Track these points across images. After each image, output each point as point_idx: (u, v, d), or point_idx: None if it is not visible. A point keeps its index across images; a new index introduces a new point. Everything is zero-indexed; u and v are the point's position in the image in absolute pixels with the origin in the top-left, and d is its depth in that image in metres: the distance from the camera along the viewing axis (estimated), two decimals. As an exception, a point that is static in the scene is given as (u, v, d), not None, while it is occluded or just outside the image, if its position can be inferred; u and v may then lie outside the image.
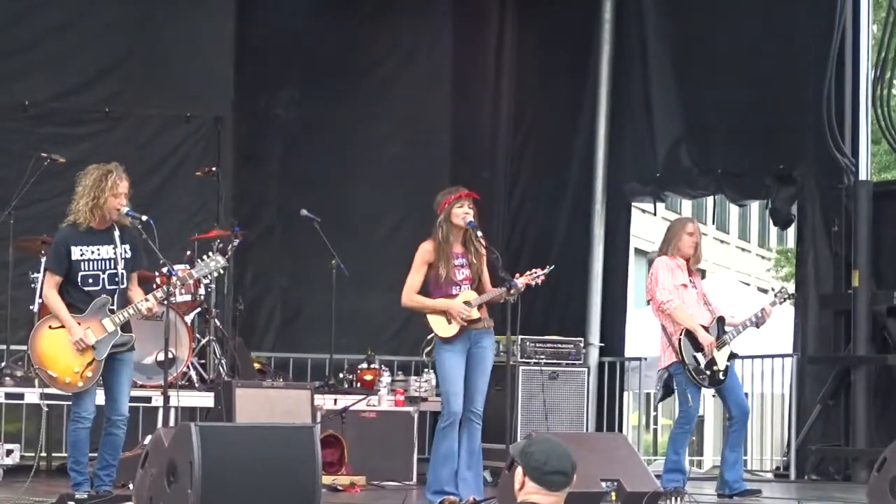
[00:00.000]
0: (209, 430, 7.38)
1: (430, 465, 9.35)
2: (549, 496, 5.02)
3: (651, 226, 31.46)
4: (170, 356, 9.43)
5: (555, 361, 12.04)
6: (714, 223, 34.99)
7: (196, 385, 11.44)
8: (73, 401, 8.75)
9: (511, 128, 15.04)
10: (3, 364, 11.14)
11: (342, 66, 14.30)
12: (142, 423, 11.64)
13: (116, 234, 8.74)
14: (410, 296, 9.29)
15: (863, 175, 12.74)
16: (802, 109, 13.09)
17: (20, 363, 11.01)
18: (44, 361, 8.68)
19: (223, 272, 9.73)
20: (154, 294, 8.84)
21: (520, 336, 11.39)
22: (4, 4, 13.02)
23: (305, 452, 7.49)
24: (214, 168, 12.58)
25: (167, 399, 9.16)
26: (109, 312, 8.67)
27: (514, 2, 15.07)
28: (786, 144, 13.31)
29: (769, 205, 13.57)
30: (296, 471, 7.45)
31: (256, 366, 12.40)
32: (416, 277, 9.29)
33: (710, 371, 10.17)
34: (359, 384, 12.22)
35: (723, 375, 10.23)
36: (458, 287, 9.25)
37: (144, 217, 8.79)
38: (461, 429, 9.24)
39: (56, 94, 13.18)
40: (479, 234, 9.23)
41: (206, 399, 11.12)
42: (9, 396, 10.86)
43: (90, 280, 8.69)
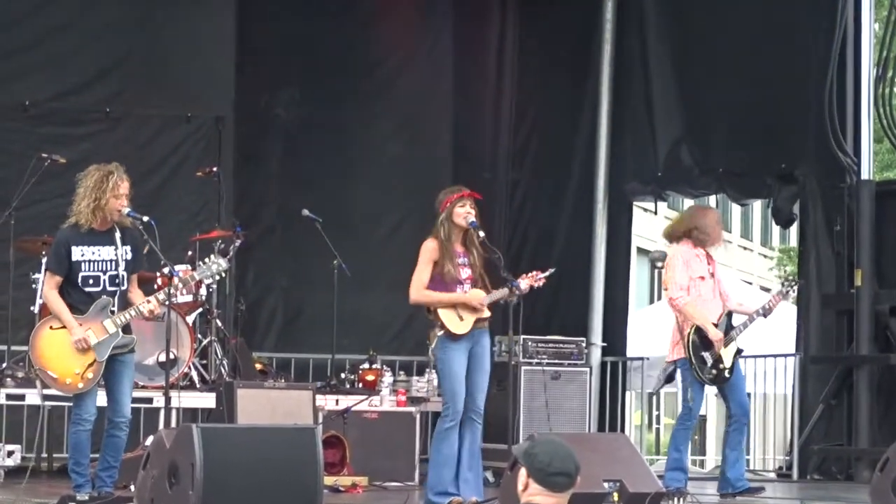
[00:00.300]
0: (211, 432, 7.37)
1: (431, 466, 9.28)
2: (553, 497, 4.98)
3: (653, 225, 31.47)
4: (171, 357, 9.40)
5: (557, 361, 12.02)
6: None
7: (197, 386, 11.42)
8: (74, 402, 8.73)
9: (512, 128, 15.02)
10: (4, 365, 11.11)
11: (343, 66, 14.29)
12: (143, 424, 11.63)
13: (117, 236, 8.72)
14: (420, 290, 9.16)
15: (865, 174, 12.72)
16: (804, 108, 13.06)
17: (21, 364, 10.98)
18: (44, 362, 8.66)
19: (225, 275, 9.70)
20: (156, 296, 8.81)
21: (522, 336, 11.39)
22: (4, 4, 12.99)
23: (307, 453, 7.48)
24: (215, 168, 12.55)
25: (168, 400, 9.15)
26: (110, 314, 8.66)
27: (515, 1, 15.07)
28: (787, 143, 13.29)
29: (771, 204, 13.55)
30: (298, 472, 7.44)
31: (258, 366, 12.38)
32: (425, 273, 9.16)
33: (716, 370, 10.15)
34: (360, 384, 12.19)
35: (728, 373, 10.21)
36: (462, 286, 9.20)
37: (146, 218, 8.77)
38: (463, 429, 9.18)
39: (56, 94, 13.16)
40: (482, 235, 9.19)
41: (208, 400, 11.11)
42: (10, 398, 10.84)
43: (90, 281, 8.67)
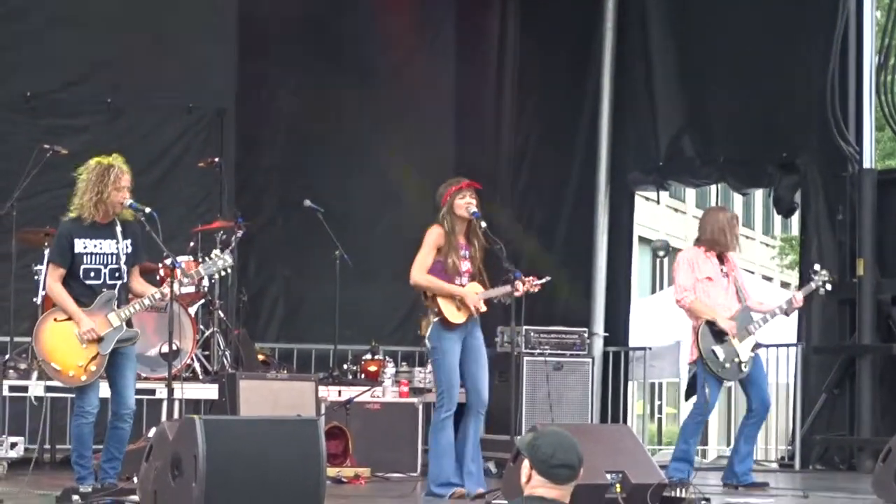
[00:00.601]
0: (213, 424, 7.36)
1: (432, 458, 9.28)
2: (556, 489, 4.98)
3: (655, 214, 31.43)
4: (174, 348, 9.40)
5: (559, 352, 12.00)
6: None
7: (200, 377, 11.41)
8: (77, 395, 8.73)
9: (514, 118, 15.01)
10: (7, 357, 11.11)
11: (344, 58, 14.28)
12: (146, 416, 11.62)
13: (119, 230, 8.71)
14: (422, 273, 9.14)
15: (867, 163, 12.70)
16: (805, 97, 13.05)
17: (24, 356, 10.98)
18: (48, 354, 8.65)
19: (230, 270, 9.70)
20: (161, 290, 8.81)
21: (524, 326, 11.39)
22: (6, -4, 13.01)
23: (310, 445, 7.46)
24: (217, 159, 12.54)
25: (171, 391, 9.14)
26: (114, 308, 8.66)
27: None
28: (788, 132, 13.27)
29: (772, 193, 13.54)
30: (300, 463, 7.43)
31: (260, 357, 12.38)
32: (428, 257, 9.15)
33: (731, 363, 10.12)
34: (363, 375, 12.19)
35: (745, 367, 10.18)
36: (461, 278, 9.20)
37: (148, 209, 8.76)
38: (468, 422, 9.19)
39: (58, 86, 13.14)
40: (483, 225, 9.18)
41: (211, 391, 11.11)
42: (13, 389, 10.84)
43: (92, 274, 8.67)
